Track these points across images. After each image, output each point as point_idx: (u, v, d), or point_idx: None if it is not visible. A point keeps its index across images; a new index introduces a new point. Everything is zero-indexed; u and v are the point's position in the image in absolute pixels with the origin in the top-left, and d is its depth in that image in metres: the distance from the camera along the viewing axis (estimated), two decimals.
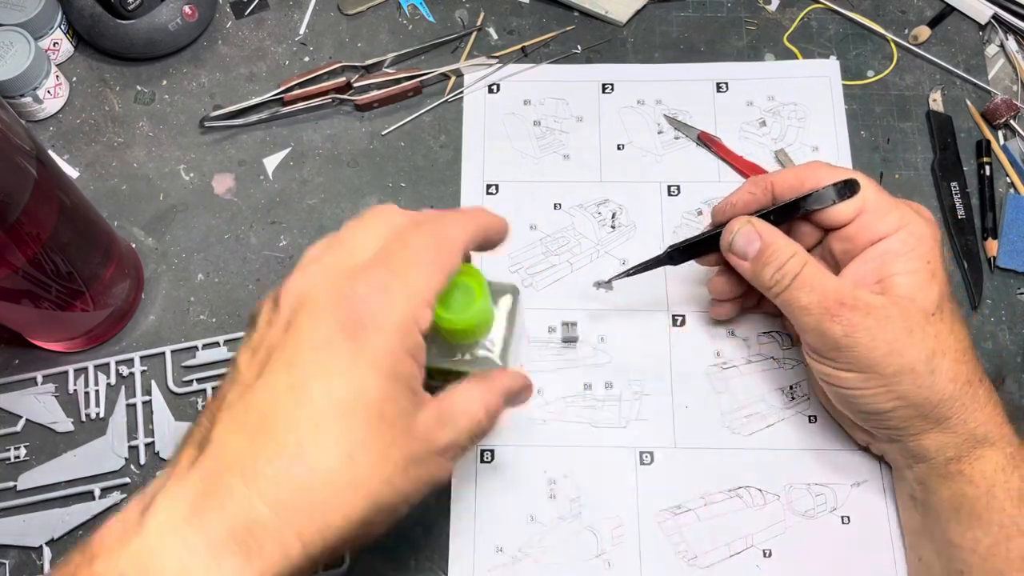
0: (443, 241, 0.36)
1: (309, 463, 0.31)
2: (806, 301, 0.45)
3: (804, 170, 0.47)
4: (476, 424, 0.38)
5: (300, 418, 0.32)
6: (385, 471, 0.33)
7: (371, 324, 0.33)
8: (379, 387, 0.33)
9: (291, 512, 0.31)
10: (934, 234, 0.45)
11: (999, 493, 0.43)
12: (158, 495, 0.31)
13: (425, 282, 0.35)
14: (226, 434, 0.32)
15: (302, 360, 0.33)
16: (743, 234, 0.47)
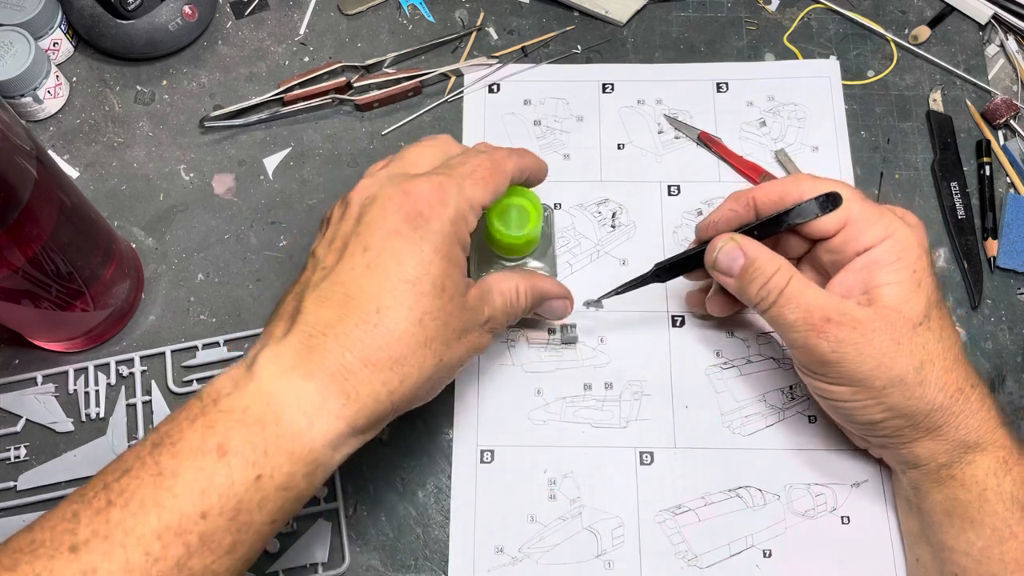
0: (496, 166, 0.43)
1: (389, 326, 0.38)
2: (792, 318, 0.45)
3: (786, 184, 0.47)
4: (510, 302, 0.46)
5: (379, 290, 0.39)
6: (447, 334, 0.40)
7: (431, 215, 0.40)
8: (440, 266, 0.40)
9: (376, 365, 0.38)
10: (920, 241, 0.45)
11: (991, 497, 0.43)
12: (260, 355, 0.38)
13: (476, 192, 0.42)
14: (316, 307, 0.39)
15: (376, 245, 0.40)
16: (726, 251, 0.47)
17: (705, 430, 0.53)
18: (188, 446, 0.35)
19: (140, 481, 0.34)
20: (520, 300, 0.46)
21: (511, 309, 0.46)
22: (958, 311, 0.57)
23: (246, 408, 0.36)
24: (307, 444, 0.36)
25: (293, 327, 0.38)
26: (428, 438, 0.53)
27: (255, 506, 0.35)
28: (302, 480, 0.37)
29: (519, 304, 0.46)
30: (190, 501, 0.34)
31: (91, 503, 0.34)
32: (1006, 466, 0.43)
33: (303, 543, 0.51)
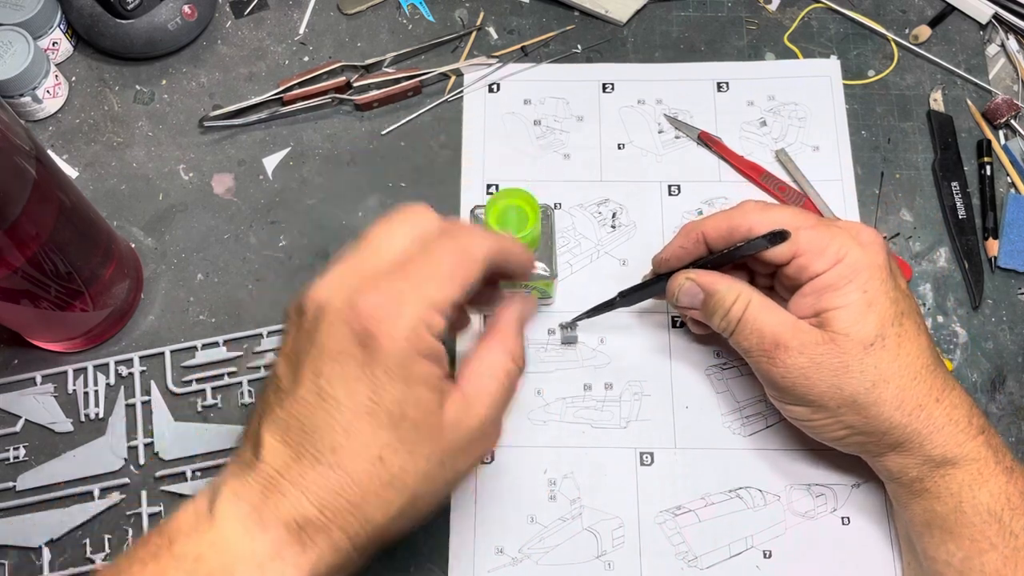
0: (465, 254, 0.38)
1: (344, 467, 0.35)
2: (747, 344, 0.46)
3: (735, 216, 0.47)
4: (505, 384, 0.40)
5: (332, 425, 0.35)
6: (418, 467, 0.36)
7: (381, 333, 0.35)
8: (397, 391, 0.35)
9: (334, 511, 0.35)
10: (873, 261, 0.44)
11: (967, 509, 0.43)
12: (222, 489, 0.35)
13: (439, 292, 0.37)
14: (274, 443, 0.36)
15: (326, 371, 0.35)
16: (685, 291, 0.48)
17: (705, 430, 0.53)
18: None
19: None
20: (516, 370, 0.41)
21: (510, 387, 0.41)
22: (958, 311, 0.57)
23: (198, 556, 0.34)
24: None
25: (255, 463, 0.36)
26: None
27: None
28: None
29: (516, 374, 0.41)
30: None
31: None
32: (981, 478, 0.43)
33: None
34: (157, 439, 0.53)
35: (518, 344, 0.42)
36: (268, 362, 0.39)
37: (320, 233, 0.59)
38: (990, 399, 0.54)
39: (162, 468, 0.53)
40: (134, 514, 0.52)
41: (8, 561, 0.51)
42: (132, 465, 0.53)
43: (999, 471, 0.43)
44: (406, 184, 0.60)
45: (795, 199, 0.59)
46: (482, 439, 0.39)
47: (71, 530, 0.52)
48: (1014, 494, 0.43)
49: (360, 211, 0.60)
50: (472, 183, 0.60)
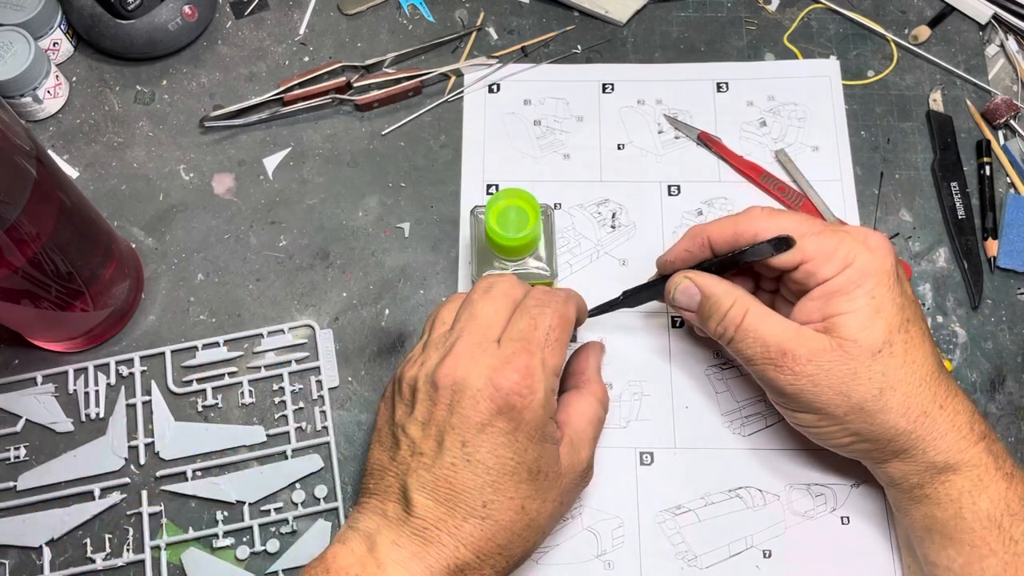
0: (565, 323, 0.45)
1: (495, 518, 0.41)
2: (749, 353, 0.46)
3: (740, 222, 0.47)
4: (599, 429, 0.48)
5: (482, 485, 0.41)
6: (547, 509, 0.43)
7: (522, 405, 0.41)
8: (534, 451, 0.42)
9: (487, 554, 0.41)
10: (881, 266, 0.44)
11: (967, 515, 0.43)
12: (378, 537, 0.41)
13: (555, 359, 0.44)
14: (424, 499, 0.41)
15: (472, 441, 0.41)
16: (682, 290, 0.49)
17: (705, 430, 0.53)
18: None
19: None
20: (604, 412, 0.49)
21: (602, 423, 0.48)
22: (958, 311, 0.57)
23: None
24: None
25: (408, 518, 0.41)
26: None
27: None
28: None
29: (604, 414, 0.49)
30: None
31: None
32: (981, 484, 0.43)
33: (303, 543, 0.51)
34: (157, 439, 0.54)
35: (603, 389, 0.49)
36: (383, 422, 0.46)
37: (320, 233, 0.59)
38: (989, 399, 0.54)
39: (162, 468, 0.53)
40: (134, 514, 0.52)
41: (8, 561, 0.51)
42: (132, 465, 0.53)
43: (999, 477, 0.43)
44: (406, 184, 0.60)
45: (795, 199, 0.59)
46: (584, 478, 0.46)
47: (71, 530, 0.52)
48: (1014, 500, 0.43)
49: (360, 211, 0.60)
50: (472, 183, 0.60)
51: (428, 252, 0.58)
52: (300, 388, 0.55)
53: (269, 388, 0.55)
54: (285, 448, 0.53)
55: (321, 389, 0.55)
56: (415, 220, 0.59)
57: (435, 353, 0.44)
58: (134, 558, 0.51)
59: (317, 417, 0.54)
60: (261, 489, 0.52)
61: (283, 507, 0.52)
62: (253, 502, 0.52)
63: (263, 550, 0.51)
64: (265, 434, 0.54)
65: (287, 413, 0.54)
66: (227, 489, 0.52)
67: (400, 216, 0.60)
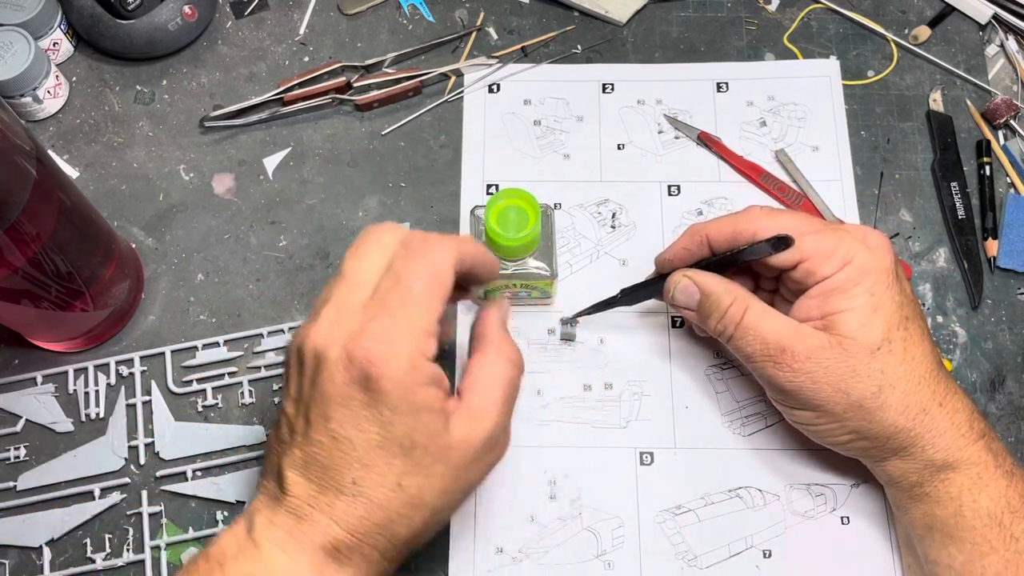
0: (435, 270, 0.40)
1: (367, 495, 0.38)
2: (749, 350, 0.46)
3: (739, 221, 0.47)
4: (508, 391, 0.43)
5: (350, 461, 0.38)
6: (434, 485, 0.39)
7: (379, 374, 0.38)
8: (402, 423, 0.38)
9: (363, 533, 0.39)
10: (880, 264, 0.44)
11: (967, 513, 0.43)
12: (256, 518, 0.39)
13: (424, 316, 0.39)
14: (297, 478, 0.39)
15: (335, 415, 0.39)
16: (681, 288, 0.48)
17: (705, 430, 0.53)
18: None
19: None
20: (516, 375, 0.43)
21: (514, 390, 0.43)
22: (958, 311, 0.57)
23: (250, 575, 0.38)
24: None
25: (283, 496, 0.39)
26: None
27: None
28: None
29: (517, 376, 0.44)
30: None
31: None
32: (980, 482, 0.43)
33: None
34: (157, 439, 0.54)
35: (512, 347, 0.44)
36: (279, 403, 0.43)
37: (320, 233, 0.59)
38: (989, 399, 0.54)
39: (162, 468, 0.53)
40: (134, 514, 0.52)
41: (8, 561, 0.51)
42: (132, 465, 0.53)
43: (999, 475, 0.43)
44: (406, 184, 0.60)
45: (795, 199, 0.59)
46: (492, 448, 0.42)
47: (71, 530, 0.52)
48: (1014, 498, 0.43)
49: (360, 211, 0.60)
50: (472, 183, 0.60)
51: None
52: None
53: (269, 388, 0.55)
54: None
55: None
56: (415, 220, 0.59)
57: (309, 319, 0.41)
58: (134, 558, 0.51)
59: None
60: None
61: None
62: None
63: None
64: (265, 434, 0.54)
65: None
66: (227, 489, 0.52)
67: (400, 216, 0.60)
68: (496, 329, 0.44)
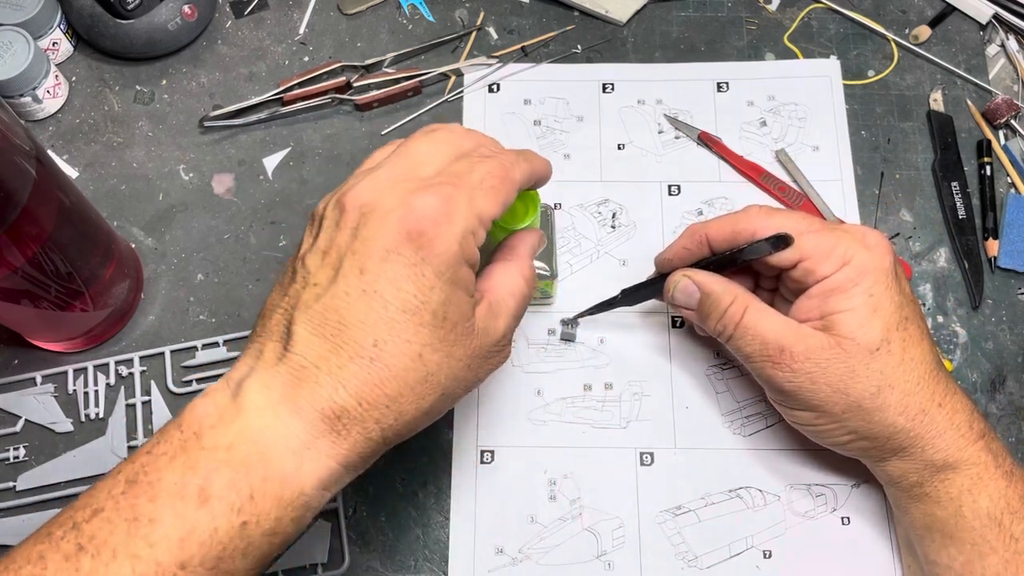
0: (506, 176, 0.39)
1: (385, 361, 0.35)
2: (748, 350, 0.46)
3: (739, 220, 0.47)
4: (521, 303, 0.42)
5: (376, 321, 0.35)
6: (451, 367, 0.37)
7: (434, 234, 0.36)
8: (442, 292, 0.36)
9: (371, 403, 0.35)
10: (879, 264, 0.44)
11: (967, 514, 0.43)
12: (246, 381, 0.35)
13: (485, 205, 0.38)
14: (309, 335, 0.35)
15: (373, 268, 0.36)
16: (681, 288, 0.48)
17: (705, 430, 0.53)
18: (166, 488, 0.33)
19: (113, 526, 0.32)
20: (529, 289, 0.43)
21: (524, 303, 0.42)
22: (958, 311, 0.57)
23: (230, 446, 0.34)
24: (296, 487, 0.34)
25: (285, 354, 0.35)
26: (428, 439, 0.53)
27: (239, 553, 0.33)
28: (289, 524, 0.34)
29: (529, 292, 0.43)
30: (168, 551, 0.32)
31: (59, 546, 0.32)
32: (980, 483, 0.43)
33: (303, 543, 0.51)
34: None
35: (531, 269, 0.43)
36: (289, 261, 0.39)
37: None
38: (990, 399, 0.54)
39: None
40: None
41: None
42: None
43: (999, 475, 0.43)
44: None
45: (795, 199, 0.59)
46: (499, 351, 0.41)
47: None
48: (1014, 498, 0.43)
49: None
50: None
51: None
52: None
53: None
54: None
55: None
56: None
57: (352, 180, 0.39)
58: None
59: None
60: None
61: None
62: None
63: None
64: None
65: None
66: None
67: None
68: (524, 249, 0.44)
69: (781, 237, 0.45)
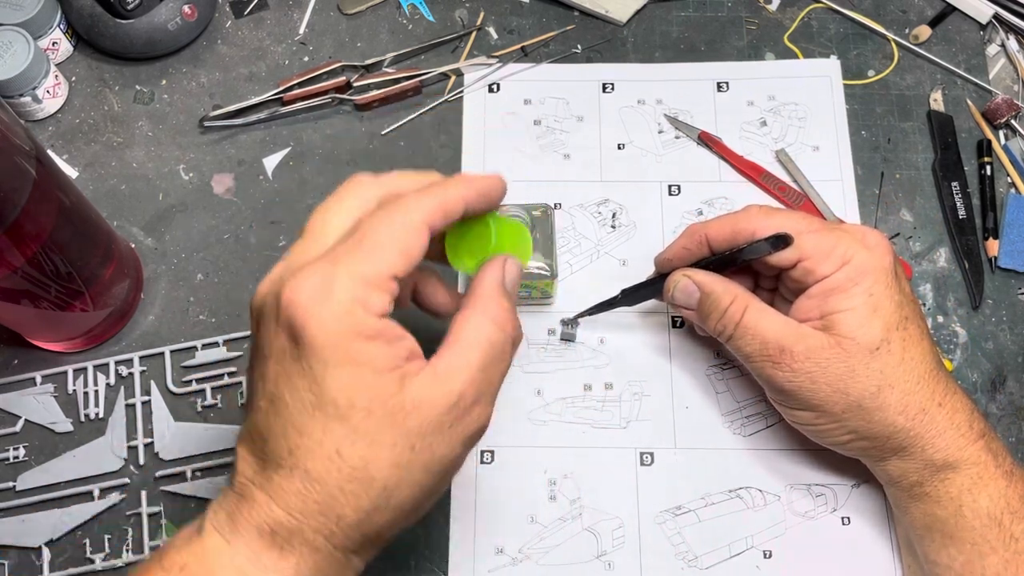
0: (400, 221, 0.35)
1: (303, 467, 0.33)
2: (748, 350, 0.46)
3: (739, 220, 0.47)
4: (489, 354, 0.36)
5: (285, 428, 0.34)
6: (382, 456, 0.33)
7: (308, 323, 0.33)
8: (338, 379, 0.33)
9: (302, 513, 0.34)
10: (879, 264, 0.44)
11: (967, 513, 0.43)
12: (209, 506, 0.36)
13: (373, 266, 0.34)
14: (244, 453, 0.35)
15: (269, 374, 0.34)
16: (681, 288, 0.48)
17: (705, 430, 0.53)
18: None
19: None
20: (509, 333, 0.37)
21: (497, 349, 0.37)
22: (959, 311, 0.56)
23: (183, 566, 0.34)
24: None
25: (233, 476, 0.36)
26: None
27: None
28: None
29: (511, 335, 0.37)
30: None
31: None
32: (980, 482, 0.43)
33: None
34: (157, 439, 0.53)
35: (502, 307, 0.37)
36: None
37: None
38: (990, 399, 0.54)
39: (162, 468, 0.53)
40: (134, 514, 0.52)
41: (8, 561, 0.51)
42: (132, 465, 0.53)
43: (999, 475, 0.43)
44: None
45: (795, 199, 0.59)
46: (462, 418, 0.35)
47: (71, 530, 0.52)
48: (1014, 498, 0.43)
49: None
50: None
51: None
52: None
53: None
54: None
55: None
56: None
57: None
58: (133, 558, 0.51)
59: None
60: None
61: None
62: None
63: None
64: None
65: None
66: None
67: None
68: (488, 287, 0.38)
69: (781, 237, 0.45)
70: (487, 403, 0.37)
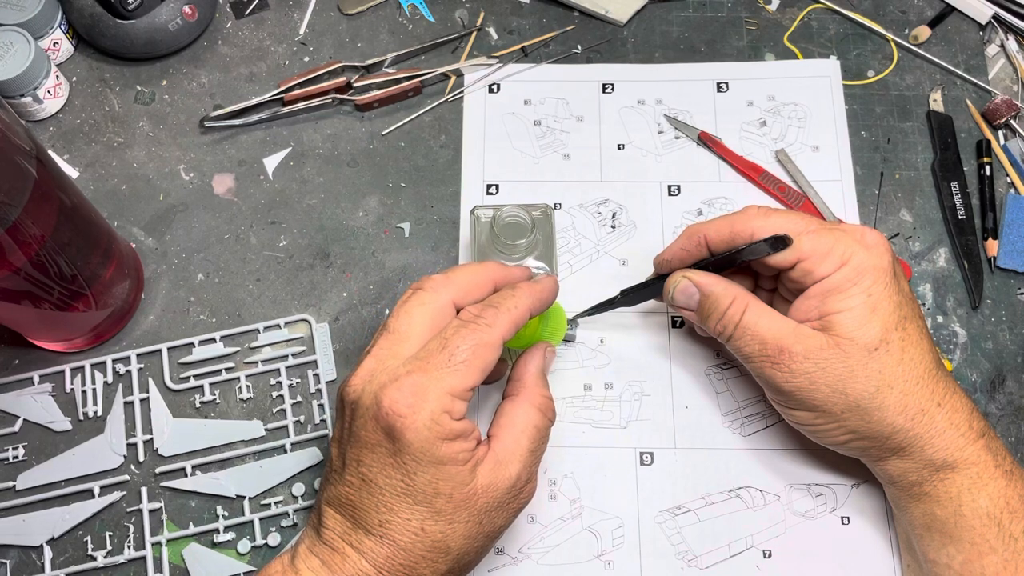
0: (481, 344, 0.41)
1: (392, 538, 0.40)
2: (748, 350, 0.46)
3: (737, 221, 0.47)
4: (536, 440, 0.44)
5: (377, 505, 0.41)
6: (457, 531, 0.41)
7: (402, 426, 0.39)
8: (425, 473, 0.40)
9: (389, 572, 0.41)
10: (878, 264, 0.44)
11: (967, 513, 0.43)
12: (299, 547, 0.43)
13: (458, 381, 0.40)
14: (332, 514, 0.42)
15: (365, 460, 0.41)
16: (680, 289, 0.49)
17: (705, 430, 0.53)
18: None
19: None
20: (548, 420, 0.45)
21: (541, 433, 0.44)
22: (958, 311, 0.57)
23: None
24: None
25: (321, 530, 0.42)
26: None
27: None
28: None
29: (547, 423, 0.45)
30: None
31: None
32: (980, 482, 0.43)
33: None
34: (156, 436, 0.54)
35: (545, 397, 0.45)
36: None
37: (320, 233, 0.59)
38: (990, 399, 0.54)
39: (162, 464, 0.53)
40: (134, 511, 0.52)
41: (9, 560, 0.51)
42: (132, 462, 0.53)
43: (998, 475, 0.43)
44: (406, 184, 0.60)
45: (795, 199, 0.59)
46: (517, 495, 0.43)
47: (72, 528, 0.52)
48: (1013, 497, 0.43)
49: (360, 211, 0.60)
50: (472, 183, 0.60)
51: (428, 252, 0.59)
52: (298, 382, 0.55)
53: (267, 383, 0.55)
54: (284, 442, 0.53)
55: (319, 383, 0.55)
56: (415, 220, 0.59)
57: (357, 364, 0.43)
58: (135, 555, 0.51)
59: (315, 411, 0.54)
60: (261, 483, 0.52)
61: (283, 500, 0.52)
62: (253, 496, 0.52)
63: (264, 544, 0.51)
64: (264, 429, 0.54)
65: (285, 408, 0.54)
66: (227, 484, 0.52)
67: (400, 216, 0.60)
68: (532, 376, 0.46)
69: (779, 238, 0.45)
70: (535, 478, 0.44)
